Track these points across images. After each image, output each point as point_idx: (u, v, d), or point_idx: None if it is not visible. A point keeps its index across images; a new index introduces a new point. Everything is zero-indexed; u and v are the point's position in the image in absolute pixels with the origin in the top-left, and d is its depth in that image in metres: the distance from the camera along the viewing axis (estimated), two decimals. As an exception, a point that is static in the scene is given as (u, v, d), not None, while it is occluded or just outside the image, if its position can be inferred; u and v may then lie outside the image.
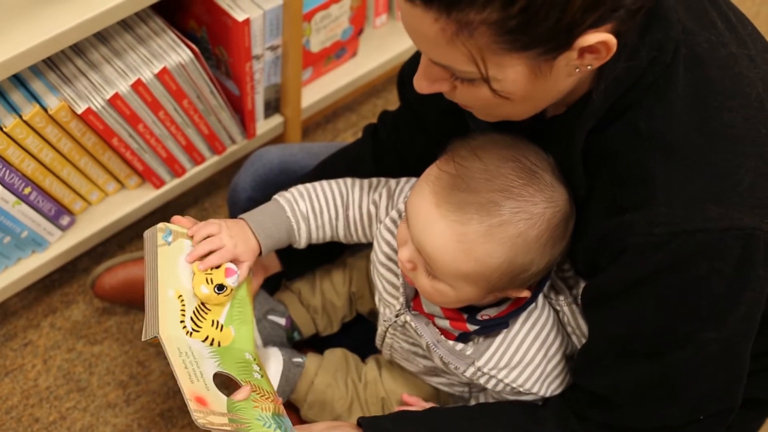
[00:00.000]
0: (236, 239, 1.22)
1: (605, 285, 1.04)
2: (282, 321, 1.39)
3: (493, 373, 1.17)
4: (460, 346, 1.17)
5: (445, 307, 1.17)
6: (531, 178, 1.05)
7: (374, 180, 1.29)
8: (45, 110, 1.47)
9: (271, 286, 1.42)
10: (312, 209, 1.27)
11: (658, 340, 1.03)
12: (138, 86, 1.51)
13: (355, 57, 1.95)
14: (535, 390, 1.17)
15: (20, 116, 1.45)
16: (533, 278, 1.10)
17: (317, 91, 1.89)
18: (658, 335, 1.02)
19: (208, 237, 1.21)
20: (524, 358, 1.17)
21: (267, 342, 1.37)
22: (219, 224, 1.22)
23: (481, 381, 1.18)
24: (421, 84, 0.99)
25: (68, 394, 1.67)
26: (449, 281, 1.08)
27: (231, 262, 1.21)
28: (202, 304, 1.18)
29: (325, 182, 1.29)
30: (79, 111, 1.47)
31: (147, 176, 1.69)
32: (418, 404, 1.29)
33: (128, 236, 1.85)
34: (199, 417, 1.06)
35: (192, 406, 1.06)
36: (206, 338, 1.17)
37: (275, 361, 1.30)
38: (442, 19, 0.87)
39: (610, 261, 1.02)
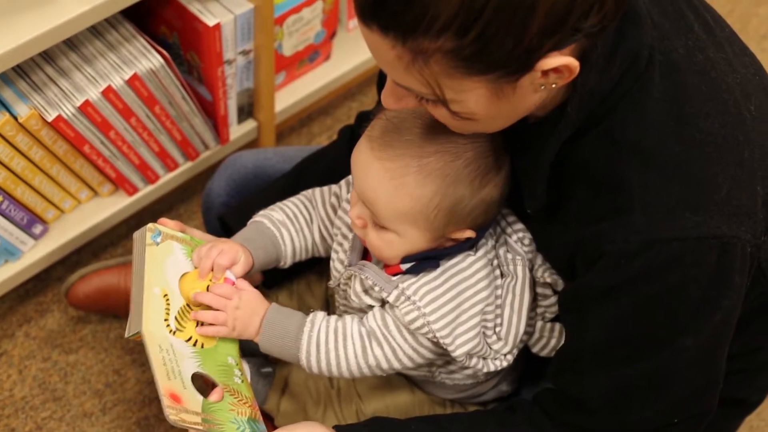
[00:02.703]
0: (231, 243, 1.21)
1: (582, 290, 1.04)
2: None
3: (415, 299, 1.15)
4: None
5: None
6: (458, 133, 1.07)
7: (334, 185, 1.31)
8: (15, 119, 1.46)
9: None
10: (287, 215, 1.28)
11: (634, 345, 1.03)
12: (108, 93, 1.50)
13: (328, 60, 1.94)
14: (443, 334, 1.15)
15: (-10, 125, 1.44)
16: (471, 215, 1.11)
17: (291, 95, 1.88)
18: (635, 341, 1.03)
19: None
20: (444, 296, 1.15)
21: (242, 348, 1.36)
22: (211, 242, 1.23)
23: (403, 311, 1.15)
24: (388, 101, 1.00)
25: (44, 403, 1.66)
26: (395, 227, 1.11)
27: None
28: (188, 304, 1.18)
29: (287, 199, 1.31)
30: (50, 119, 1.46)
31: (120, 183, 1.68)
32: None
33: (102, 244, 1.84)
34: (171, 413, 1.06)
35: (165, 402, 1.06)
36: (189, 338, 1.17)
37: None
38: (398, 47, 0.87)
39: (586, 267, 1.02)
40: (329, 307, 1.43)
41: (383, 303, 1.19)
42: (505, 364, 1.21)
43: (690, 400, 1.07)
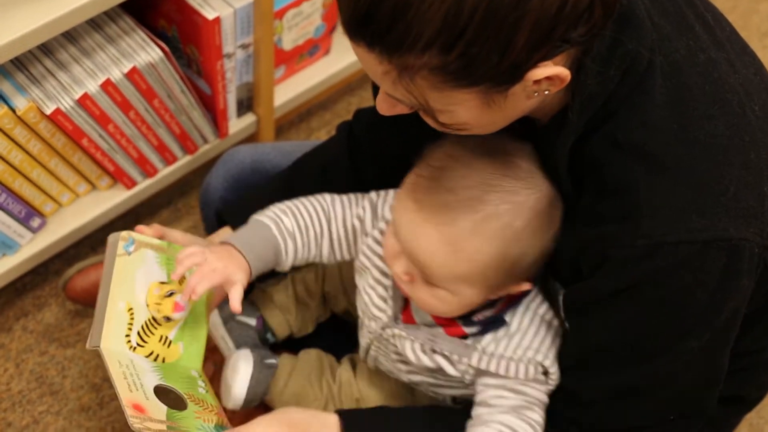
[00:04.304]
0: (225, 261, 1.17)
1: (587, 293, 1.03)
2: (252, 321, 1.38)
3: (500, 351, 1.13)
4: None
5: (438, 316, 1.16)
6: (507, 167, 1.04)
7: (352, 195, 1.27)
8: (13, 111, 1.46)
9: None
10: (297, 226, 1.24)
11: (638, 348, 1.02)
12: (107, 86, 1.49)
13: (328, 55, 1.94)
14: (548, 363, 1.12)
15: (-12, 117, 1.44)
16: (531, 269, 1.09)
17: (290, 90, 1.87)
18: (639, 344, 1.02)
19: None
20: (527, 336, 1.13)
21: (238, 343, 1.36)
22: (203, 252, 1.17)
23: (491, 367, 1.13)
24: (382, 107, 0.99)
25: (41, 397, 1.66)
26: (448, 286, 1.07)
27: (223, 284, 1.17)
28: (153, 318, 1.17)
29: (304, 199, 1.27)
30: (48, 112, 1.46)
31: (118, 177, 1.67)
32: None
33: (100, 238, 1.84)
34: (135, 422, 1.05)
35: (128, 412, 1.06)
36: (150, 353, 1.17)
37: (245, 363, 1.29)
38: (384, 62, 0.87)
39: (592, 270, 1.01)
40: (326, 305, 1.42)
41: (450, 363, 1.16)
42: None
43: (687, 399, 1.07)
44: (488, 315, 1.14)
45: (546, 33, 0.83)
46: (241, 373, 1.28)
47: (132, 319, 1.15)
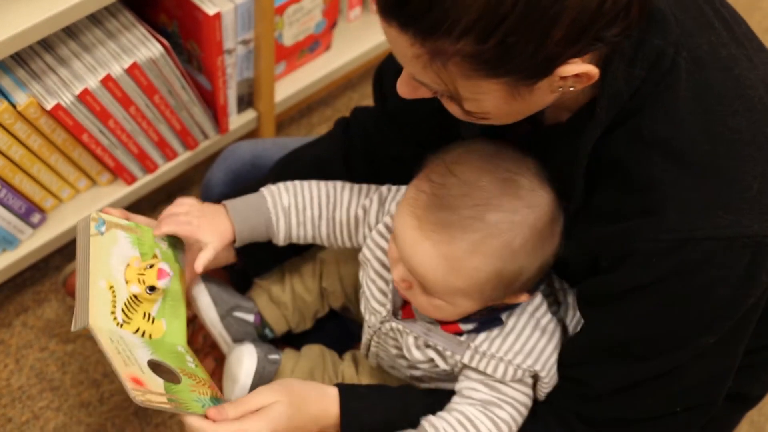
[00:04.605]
0: (203, 221, 1.20)
1: (607, 286, 1.02)
2: (250, 317, 1.38)
3: (492, 352, 1.14)
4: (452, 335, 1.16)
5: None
6: (508, 186, 1.04)
7: (365, 186, 1.28)
8: (13, 107, 1.45)
9: (243, 284, 1.41)
10: (295, 204, 1.26)
11: (655, 343, 1.02)
12: (108, 81, 1.49)
13: (329, 50, 1.93)
14: (538, 368, 1.14)
15: (-12, 113, 1.43)
16: (529, 283, 1.09)
17: (291, 86, 1.87)
18: (656, 339, 1.02)
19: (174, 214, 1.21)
20: (520, 339, 1.14)
21: (236, 339, 1.36)
22: (191, 204, 1.22)
23: (481, 365, 1.15)
24: (404, 90, 0.98)
25: (41, 393, 1.66)
26: (444, 297, 1.08)
27: (195, 242, 1.20)
28: (134, 295, 1.17)
29: (314, 182, 1.28)
30: (48, 107, 1.46)
31: (118, 172, 1.67)
32: None
33: (101, 233, 1.84)
34: (137, 395, 1.06)
35: (129, 385, 1.06)
36: (137, 330, 1.17)
37: (249, 358, 1.28)
38: (416, 45, 0.86)
39: (613, 264, 1.00)
40: (324, 300, 1.42)
41: (441, 357, 1.18)
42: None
43: (696, 393, 1.07)
44: (485, 314, 1.14)
45: (583, 29, 0.83)
46: (245, 368, 1.28)
47: (114, 296, 1.15)
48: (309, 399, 1.18)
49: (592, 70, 0.88)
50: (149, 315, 1.19)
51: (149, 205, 1.88)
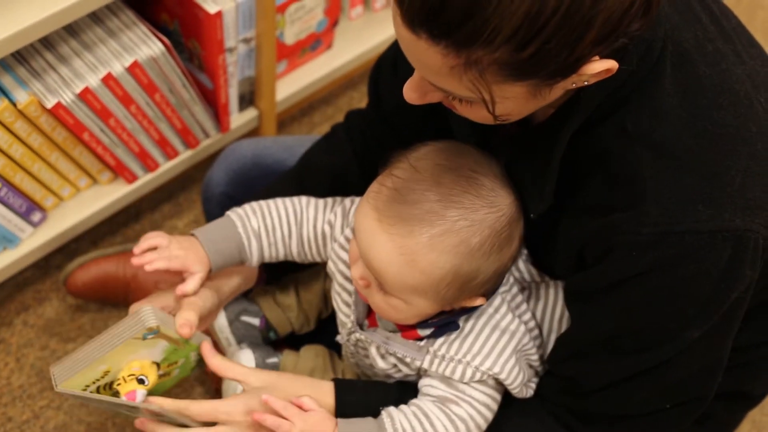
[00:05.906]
0: (187, 251, 1.20)
1: (591, 281, 1.03)
2: (256, 321, 1.38)
3: (451, 355, 1.14)
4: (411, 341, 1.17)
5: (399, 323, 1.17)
6: (470, 184, 1.04)
7: (329, 199, 1.27)
8: (14, 105, 1.45)
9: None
10: (264, 226, 1.25)
11: (641, 337, 1.03)
12: (108, 80, 1.49)
13: (330, 49, 1.93)
14: (496, 371, 1.14)
15: (-12, 111, 1.43)
16: (484, 286, 1.09)
17: (292, 84, 1.87)
18: (642, 333, 1.02)
19: (154, 247, 1.21)
20: (477, 341, 1.15)
21: (239, 342, 1.36)
22: (169, 238, 1.22)
23: (440, 369, 1.15)
24: (412, 96, 0.96)
25: (42, 392, 1.65)
26: (401, 295, 1.08)
27: (183, 272, 1.20)
28: (113, 384, 1.18)
29: (279, 200, 1.27)
30: (49, 105, 1.45)
31: (119, 171, 1.67)
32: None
33: (101, 232, 1.83)
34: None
35: (124, 399, 1.13)
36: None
37: (247, 364, 1.29)
38: (450, 56, 0.84)
39: (596, 259, 1.01)
40: (327, 302, 1.42)
41: (404, 364, 1.19)
42: None
43: (685, 388, 1.07)
44: (443, 318, 1.14)
45: (613, 29, 0.83)
46: None
47: (100, 378, 1.15)
48: (303, 391, 1.18)
49: (614, 64, 0.87)
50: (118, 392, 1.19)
51: (151, 203, 1.87)
